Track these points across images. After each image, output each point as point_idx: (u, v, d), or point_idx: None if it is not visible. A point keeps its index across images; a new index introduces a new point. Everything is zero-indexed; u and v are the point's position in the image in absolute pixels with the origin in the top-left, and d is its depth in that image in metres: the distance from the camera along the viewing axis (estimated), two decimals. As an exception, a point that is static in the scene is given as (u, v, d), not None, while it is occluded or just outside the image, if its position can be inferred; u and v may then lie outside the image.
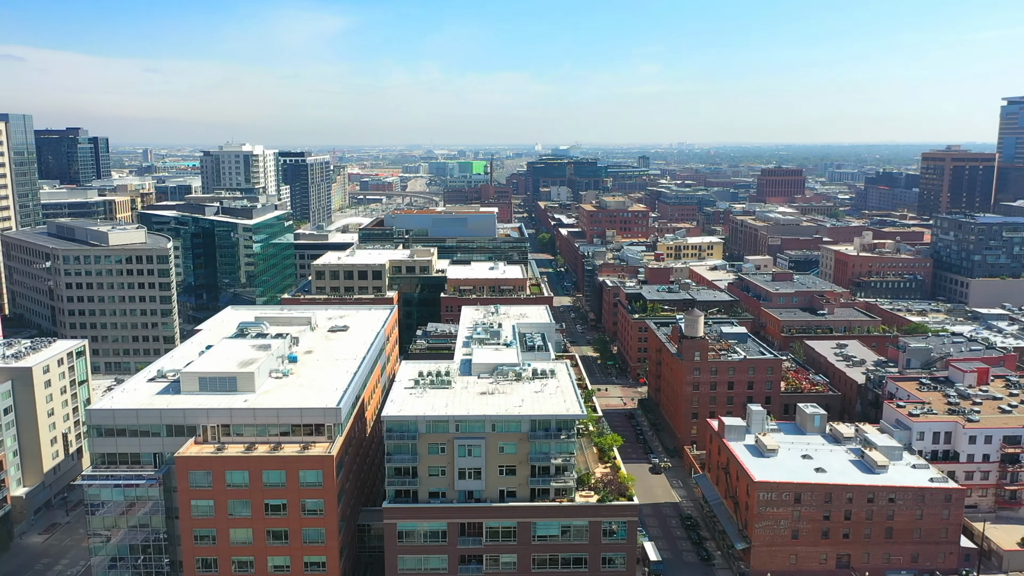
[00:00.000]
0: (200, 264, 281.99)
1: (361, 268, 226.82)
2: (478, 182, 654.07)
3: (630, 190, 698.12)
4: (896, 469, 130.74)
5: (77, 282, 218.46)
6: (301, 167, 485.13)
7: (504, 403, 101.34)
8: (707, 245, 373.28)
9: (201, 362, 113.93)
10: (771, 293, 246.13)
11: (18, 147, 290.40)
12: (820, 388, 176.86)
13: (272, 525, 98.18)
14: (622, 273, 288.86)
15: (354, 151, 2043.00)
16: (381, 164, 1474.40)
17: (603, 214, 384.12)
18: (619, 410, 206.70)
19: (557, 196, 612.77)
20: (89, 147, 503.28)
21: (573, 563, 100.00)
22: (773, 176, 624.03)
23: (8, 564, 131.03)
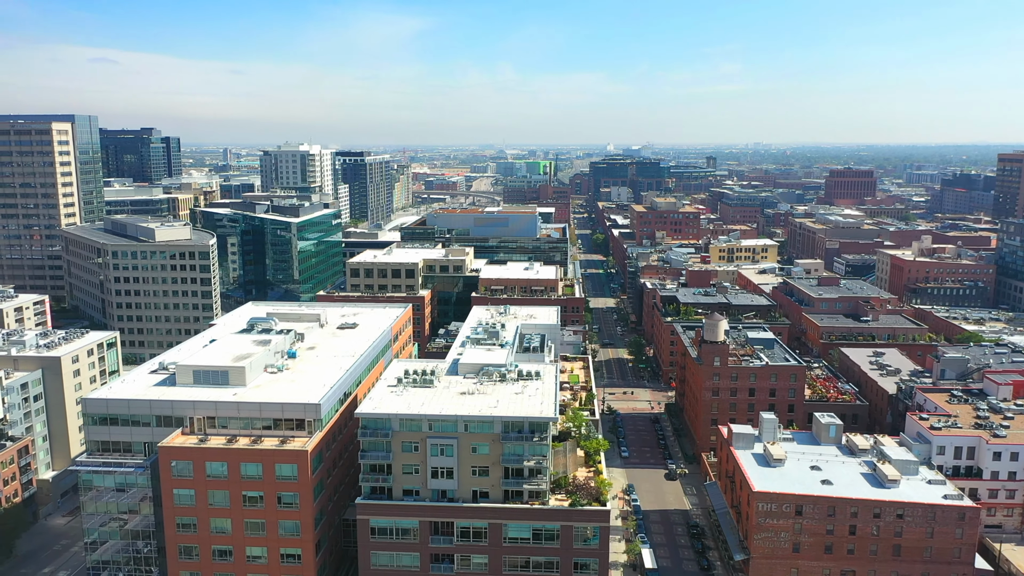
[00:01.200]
0: (250, 260, 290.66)
1: (394, 266, 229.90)
2: (537, 182, 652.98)
3: (694, 191, 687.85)
4: (908, 484, 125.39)
5: (124, 276, 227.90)
6: (360, 166, 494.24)
7: (480, 404, 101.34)
8: (761, 248, 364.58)
9: (198, 356, 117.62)
10: (813, 298, 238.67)
11: (83, 147, 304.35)
12: (847, 397, 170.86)
13: (250, 516, 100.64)
14: (663, 275, 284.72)
15: (428, 151, 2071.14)
16: (451, 163, 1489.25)
17: (653, 215, 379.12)
18: (645, 414, 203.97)
19: (617, 196, 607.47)
20: (161, 146, 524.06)
21: (545, 567, 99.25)
22: (842, 177, 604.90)
23: (31, 543, 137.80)
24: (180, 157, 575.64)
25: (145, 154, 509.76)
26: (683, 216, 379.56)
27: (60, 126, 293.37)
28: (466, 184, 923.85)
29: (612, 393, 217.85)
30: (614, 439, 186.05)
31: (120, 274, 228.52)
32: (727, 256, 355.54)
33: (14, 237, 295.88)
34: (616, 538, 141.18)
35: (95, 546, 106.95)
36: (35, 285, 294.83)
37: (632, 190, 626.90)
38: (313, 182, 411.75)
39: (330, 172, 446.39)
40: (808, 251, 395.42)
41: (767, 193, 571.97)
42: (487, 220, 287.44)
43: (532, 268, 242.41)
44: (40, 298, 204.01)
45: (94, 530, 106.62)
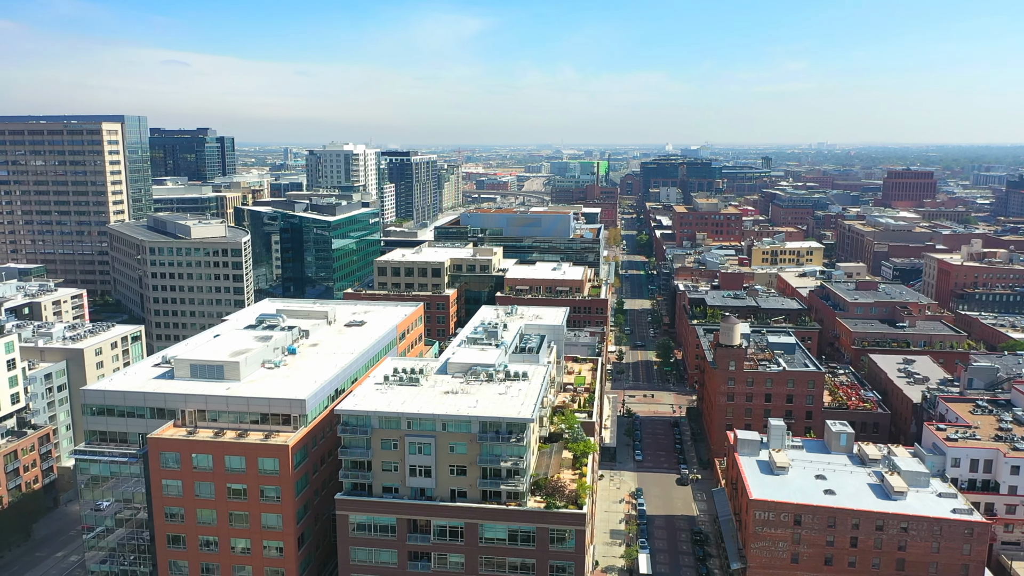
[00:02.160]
0: (289, 258, 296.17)
1: (421, 265, 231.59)
2: (585, 182, 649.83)
3: (747, 192, 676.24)
4: (916, 496, 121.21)
5: (160, 272, 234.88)
6: (406, 166, 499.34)
7: (460, 403, 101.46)
8: (806, 251, 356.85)
9: (196, 350, 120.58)
10: (848, 302, 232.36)
11: (132, 146, 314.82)
12: (868, 405, 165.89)
13: (234, 508, 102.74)
14: (698, 277, 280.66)
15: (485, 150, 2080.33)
16: (507, 163, 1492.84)
17: (694, 216, 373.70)
18: (665, 418, 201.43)
19: (666, 197, 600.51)
20: (216, 146, 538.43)
21: (521, 568, 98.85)
22: (900, 178, 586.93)
23: (49, 527, 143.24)
24: (234, 156, 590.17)
25: (200, 153, 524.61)
26: (725, 217, 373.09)
27: (110, 126, 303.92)
28: (518, 184, 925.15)
29: (632, 396, 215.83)
30: (629, 442, 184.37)
31: (156, 270, 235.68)
32: (770, 259, 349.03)
33: (67, 233, 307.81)
34: (617, 542, 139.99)
35: (92, 531, 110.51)
36: (86, 280, 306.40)
37: (682, 191, 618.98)
38: (356, 181, 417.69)
39: (374, 171, 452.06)
40: (856, 254, 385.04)
41: (820, 195, 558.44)
42: (520, 220, 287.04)
43: (560, 269, 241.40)
44: (78, 292, 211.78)
45: (91, 516, 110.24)
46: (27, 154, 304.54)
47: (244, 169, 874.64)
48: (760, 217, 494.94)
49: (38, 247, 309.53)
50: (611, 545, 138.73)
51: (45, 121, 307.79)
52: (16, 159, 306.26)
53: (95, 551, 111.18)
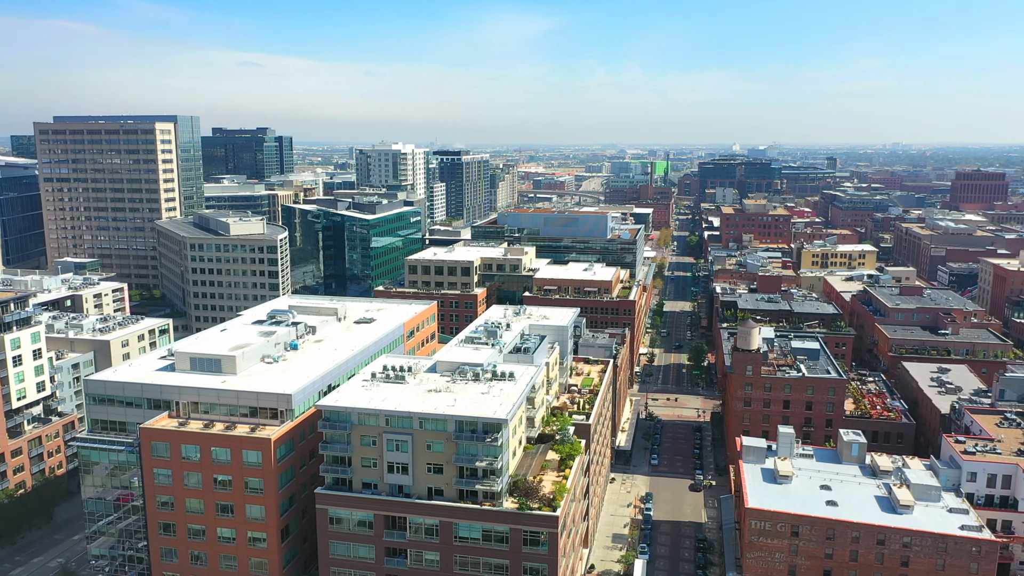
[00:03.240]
0: (331, 255, 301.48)
1: (450, 264, 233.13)
2: (639, 182, 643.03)
3: (808, 193, 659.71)
4: (924, 511, 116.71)
5: (200, 267, 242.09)
6: (456, 166, 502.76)
7: (440, 401, 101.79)
8: (858, 254, 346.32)
9: (198, 344, 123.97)
10: (888, 308, 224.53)
11: (184, 145, 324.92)
12: (893, 415, 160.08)
13: (220, 499, 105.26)
14: (737, 279, 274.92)
15: (549, 150, 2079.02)
16: (569, 163, 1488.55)
17: (741, 217, 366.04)
18: (689, 422, 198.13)
19: (722, 198, 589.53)
20: (275, 145, 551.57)
21: (495, 568, 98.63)
22: (970, 180, 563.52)
23: (69, 511, 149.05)
24: (292, 155, 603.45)
25: (259, 152, 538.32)
26: (773, 219, 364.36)
27: (163, 126, 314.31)
28: (576, 184, 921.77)
29: (656, 399, 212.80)
30: (647, 445, 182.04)
31: (197, 265, 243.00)
32: (820, 262, 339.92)
33: (121, 230, 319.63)
34: (618, 547, 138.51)
35: (93, 516, 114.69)
36: (139, 275, 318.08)
37: (739, 191, 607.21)
38: (404, 180, 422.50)
39: (422, 170, 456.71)
40: (912, 258, 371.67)
41: (882, 196, 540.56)
42: (557, 220, 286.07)
43: (591, 269, 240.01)
44: (119, 286, 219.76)
45: (92, 502, 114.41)
46: (87, 153, 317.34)
47: (308, 167, 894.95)
48: (816, 219, 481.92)
49: (97, 242, 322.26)
50: (611, 549, 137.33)
51: (104, 121, 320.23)
52: (77, 157, 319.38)
53: (96, 535, 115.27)
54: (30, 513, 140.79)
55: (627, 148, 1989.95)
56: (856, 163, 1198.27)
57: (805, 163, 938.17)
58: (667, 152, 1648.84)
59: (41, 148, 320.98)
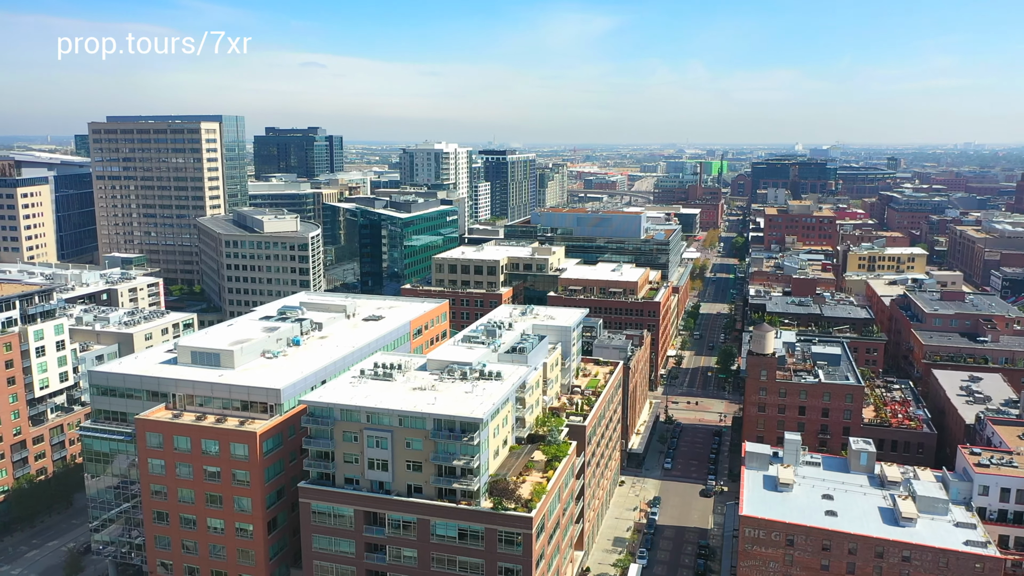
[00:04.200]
0: (367, 253, 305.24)
1: (476, 263, 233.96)
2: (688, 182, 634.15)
3: (866, 194, 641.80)
4: (928, 524, 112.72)
5: (235, 263, 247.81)
6: (502, 165, 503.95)
7: (421, 399, 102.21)
8: (907, 257, 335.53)
9: (200, 338, 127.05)
10: (926, 313, 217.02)
11: (230, 144, 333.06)
12: (914, 424, 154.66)
13: (209, 489, 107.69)
14: (772, 282, 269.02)
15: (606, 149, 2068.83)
16: (625, 163, 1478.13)
17: (784, 218, 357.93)
18: (709, 426, 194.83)
19: (773, 199, 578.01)
20: (324, 144, 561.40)
21: (471, 568, 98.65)
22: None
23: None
24: (342, 154, 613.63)
25: (309, 151, 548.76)
26: (817, 220, 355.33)
27: (208, 125, 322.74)
28: (628, 184, 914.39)
29: (676, 402, 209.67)
30: (663, 449, 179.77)
31: (231, 261, 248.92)
32: (867, 265, 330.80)
33: (168, 226, 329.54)
34: (618, 550, 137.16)
35: (94, 503, 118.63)
36: (184, 270, 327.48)
37: (792, 192, 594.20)
38: (447, 179, 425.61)
39: (465, 169, 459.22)
40: (966, 263, 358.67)
41: (941, 198, 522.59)
42: (590, 220, 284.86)
43: (619, 270, 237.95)
44: (155, 280, 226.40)
45: (94, 490, 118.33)
46: (137, 152, 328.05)
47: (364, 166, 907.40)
48: (869, 221, 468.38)
49: (146, 238, 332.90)
50: (611, 553, 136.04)
51: (153, 121, 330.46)
52: (128, 156, 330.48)
53: (97, 522, 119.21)
54: (50, 498, 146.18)
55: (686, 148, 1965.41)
56: (923, 163, 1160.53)
57: (868, 163, 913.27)
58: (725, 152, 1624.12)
59: (94, 147, 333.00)
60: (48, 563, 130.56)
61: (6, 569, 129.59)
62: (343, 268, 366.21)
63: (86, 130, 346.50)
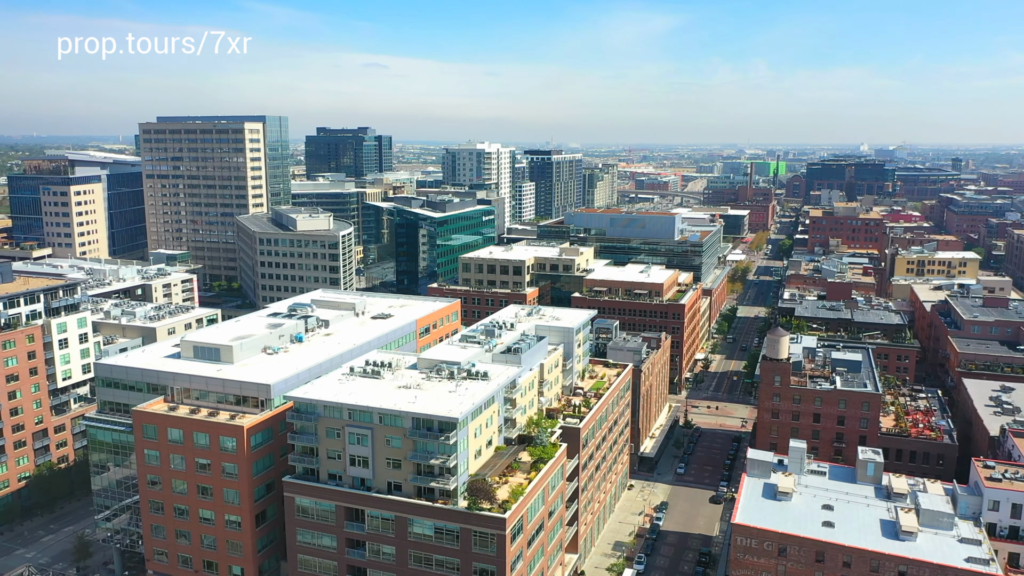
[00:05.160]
0: (402, 252, 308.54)
1: (502, 263, 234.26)
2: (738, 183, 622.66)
3: (927, 196, 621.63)
4: (930, 539, 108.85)
5: (268, 260, 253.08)
6: (547, 165, 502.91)
7: (402, 398, 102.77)
8: (959, 261, 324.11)
9: (203, 333, 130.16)
10: (964, 320, 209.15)
11: (273, 144, 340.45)
12: (935, 435, 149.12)
13: (201, 481, 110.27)
14: (808, 286, 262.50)
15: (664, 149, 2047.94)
16: (682, 163, 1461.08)
17: (829, 221, 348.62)
18: (730, 432, 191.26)
19: (827, 200, 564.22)
20: (374, 144, 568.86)
21: (446, 566, 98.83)
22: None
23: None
24: (391, 154, 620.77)
25: (359, 151, 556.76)
26: (863, 223, 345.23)
27: (252, 125, 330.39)
28: (682, 184, 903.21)
29: (696, 407, 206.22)
30: (678, 453, 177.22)
31: (265, 258, 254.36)
32: (915, 269, 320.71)
33: (213, 223, 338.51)
34: (617, 554, 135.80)
35: (100, 493, 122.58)
36: (227, 266, 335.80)
37: (847, 194, 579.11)
38: (488, 179, 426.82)
39: (508, 169, 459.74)
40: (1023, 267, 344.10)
41: (1003, 200, 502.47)
42: (623, 221, 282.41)
43: (647, 271, 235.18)
44: (188, 276, 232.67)
45: (98, 478, 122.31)
46: (184, 151, 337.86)
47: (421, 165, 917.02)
48: (924, 224, 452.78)
49: (194, 235, 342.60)
50: (609, 557, 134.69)
51: (200, 121, 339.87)
52: (176, 155, 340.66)
53: (103, 512, 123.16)
54: (69, 485, 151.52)
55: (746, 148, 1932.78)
56: (993, 165, 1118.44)
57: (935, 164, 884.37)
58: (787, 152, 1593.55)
59: (144, 146, 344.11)
60: (62, 548, 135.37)
61: (21, 552, 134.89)
62: (383, 267, 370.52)
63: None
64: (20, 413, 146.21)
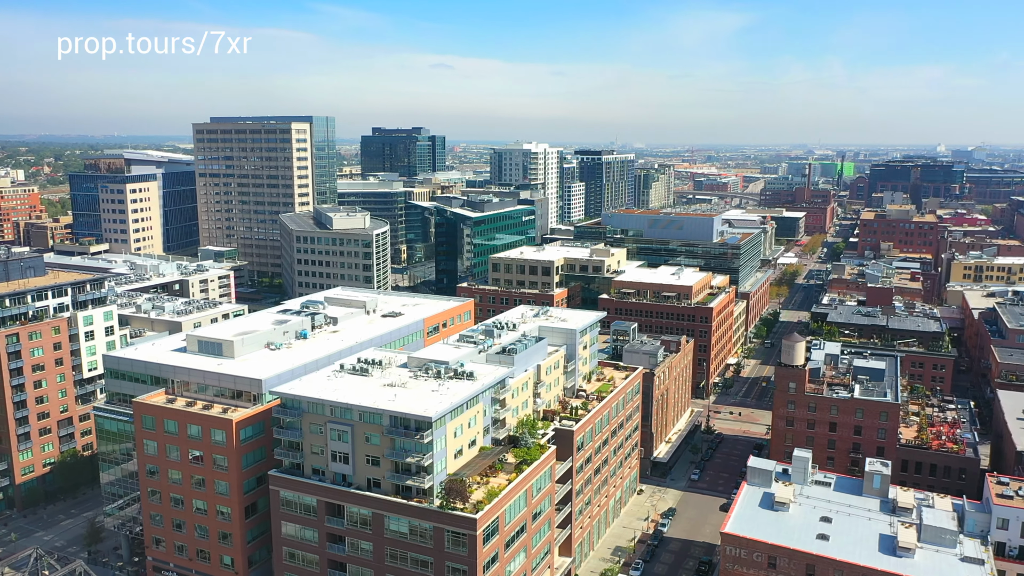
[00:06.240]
0: (441, 251, 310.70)
1: (531, 263, 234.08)
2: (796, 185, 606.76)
3: (999, 198, 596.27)
4: (929, 556, 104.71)
5: (303, 258, 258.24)
6: (597, 165, 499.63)
7: (383, 395, 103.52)
8: (1020, 267, 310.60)
9: (209, 328, 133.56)
10: (1009, 329, 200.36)
11: (319, 144, 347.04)
12: (957, 448, 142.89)
13: (194, 472, 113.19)
14: (848, 290, 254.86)
15: (730, 150, 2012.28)
16: (747, 164, 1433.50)
17: (881, 224, 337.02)
18: (752, 439, 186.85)
19: (890, 202, 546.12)
20: (427, 144, 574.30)
21: (421, 564, 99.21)
22: None
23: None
24: (444, 154, 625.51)
25: (412, 151, 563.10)
26: (917, 226, 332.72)
27: (299, 126, 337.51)
28: (743, 185, 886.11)
29: (718, 412, 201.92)
30: (694, 459, 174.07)
31: (302, 256, 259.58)
32: (973, 275, 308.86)
33: (261, 221, 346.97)
34: (615, 559, 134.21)
35: (108, 480, 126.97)
36: (274, 264, 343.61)
37: (911, 196, 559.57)
38: (535, 179, 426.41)
39: (555, 169, 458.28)
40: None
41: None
42: (661, 222, 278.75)
43: (679, 273, 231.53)
44: (226, 272, 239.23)
45: (106, 466, 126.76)
46: (235, 150, 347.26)
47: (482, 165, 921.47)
48: (990, 228, 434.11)
49: (243, 232, 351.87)
50: (607, 561, 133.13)
51: (250, 121, 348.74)
52: (227, 155, 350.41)
53: (109, 496, 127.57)
54: (92, 471, 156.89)
55: (816, 148, 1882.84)
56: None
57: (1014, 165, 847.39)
58: (857, 153, 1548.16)
59: (197, 146, 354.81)
60: (78, 532, 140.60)
61: (40, 534, 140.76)
62: (427, 266, 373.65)
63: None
64: (45, 402, 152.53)
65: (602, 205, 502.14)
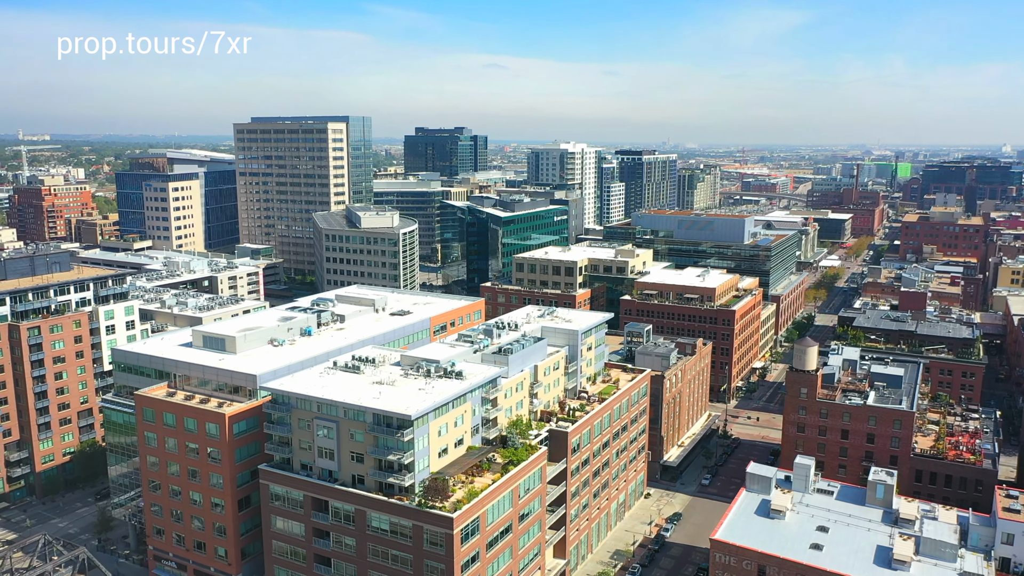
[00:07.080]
0: (473, 251, 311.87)
1: (555, 264, 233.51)
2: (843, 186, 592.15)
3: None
4: (925, 570, 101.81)
5: (332, 256, 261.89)
6: (637, 165, 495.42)
7: (368, 393, 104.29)
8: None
9: (214, 324, 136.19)
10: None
11: (356, 143, 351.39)
12: (974, 459, 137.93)
13: (191, 464, 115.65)
14: (885, 294, 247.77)
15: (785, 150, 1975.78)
16: (801, 165, 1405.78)
17: (923, 226, 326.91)
18: (770, 444, 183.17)
19: (943, 204, 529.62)
20: (469, 144, 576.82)
21: (400, 562, 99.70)
22: None
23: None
24: (486, 153, 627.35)
25: (454, 150, 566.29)
26: (962, 229, 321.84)
27: (335, 125, 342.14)
28: (792, 186, 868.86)
29: (735, 416, 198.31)
30: (707, 464, 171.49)
31: (331, 254, 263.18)
32: (1022, 279, 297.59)
33: (298, 220, 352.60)
34: (615, 563, 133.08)
35: (115, 472, 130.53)
36: (309, 261, 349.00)
37: (966, 198, 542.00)
38: (572, 179, 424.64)
39: (592, 169, 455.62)
40: None
41: None
42: (690, 223, 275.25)
43: (705, 275, 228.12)
44: (254, 269, 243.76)
45: (113, 458, 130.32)
46: (273, 150, 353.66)
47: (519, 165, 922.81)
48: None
49: (282, 230, 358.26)
50: (606, 565, 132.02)
51: (289, 121, 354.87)
52: (267, 154, 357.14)
53: (116, 487, 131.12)
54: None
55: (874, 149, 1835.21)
56: None
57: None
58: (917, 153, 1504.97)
59: (238, 145, 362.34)
60: (92, 520, 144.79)
61: (55, 521, 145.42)
62: (460, 265, 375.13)
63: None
64: (66, 393, 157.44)
65: (642, 206, 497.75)
